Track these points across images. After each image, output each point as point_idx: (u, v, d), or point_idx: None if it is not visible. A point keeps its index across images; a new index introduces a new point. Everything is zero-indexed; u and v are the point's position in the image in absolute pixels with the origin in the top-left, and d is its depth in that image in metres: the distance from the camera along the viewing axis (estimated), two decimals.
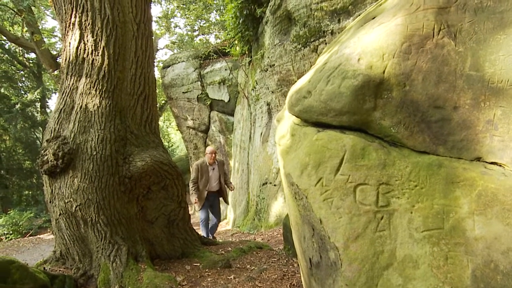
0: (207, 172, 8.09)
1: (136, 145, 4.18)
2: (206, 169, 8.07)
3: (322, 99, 2.39)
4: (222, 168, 8.27)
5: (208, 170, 8.10)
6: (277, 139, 2.85)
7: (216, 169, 8.15)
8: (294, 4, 8.18)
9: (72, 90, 4.20)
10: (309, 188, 2.37)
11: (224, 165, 8.38)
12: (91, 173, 3.91)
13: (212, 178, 8.11)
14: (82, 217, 3.97)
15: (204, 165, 8.07)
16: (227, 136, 14.36)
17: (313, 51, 8.18)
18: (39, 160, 4.09)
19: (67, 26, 4.30)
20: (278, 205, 9.00)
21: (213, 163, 8.10)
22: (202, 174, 8.08)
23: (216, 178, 8.15)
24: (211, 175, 8.11)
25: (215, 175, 8.14)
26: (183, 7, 22.52)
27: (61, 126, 4.16)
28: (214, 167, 8.12)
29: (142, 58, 4.39)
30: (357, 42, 2.42)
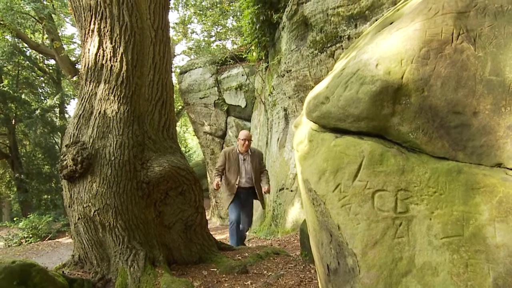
0: (237, 162, 6.64)
1: (154, 150, 4.21)
2: (236, 158, 6.65)
3: (340, 105, 2.39)
4: (257, 161, 6.77)
5: (239, 160, 6.66)
6: (295, 145, 2.85)
7: (249, 160, 6.69)
8: (311, 10, 8.18)
9: (91, 96, 4.26)
10: (327, 194, 2.36)
11: (261, 159, 6.98)
12: (109, 178, 3.95)
13: (243, 172, 6.68)
14: (100, 222, 4.00)
15: (233, 153, 6.69)
16: None
17: (330, 57, 8.17)
18: (59, 165, 4.15)
19: (86, 33, 4.36)
20: (294, 210, 8.97)
21: (246, 153, 6.69)
22: (230, 164, 6.66)
23: (249, 173, 6.68)
24: (242, 167, 6.68)
25: (247, 168, 6.71)
26: (200, 13, 22.68)
27: (80, 132, 4.21)
28: (247, 157, 6.71)
29: (160, 64, 4.43)
30: (375, 48, 2.42)
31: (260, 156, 6.96)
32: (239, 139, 6.70)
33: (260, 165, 6.84)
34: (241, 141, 6.61)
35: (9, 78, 23.99)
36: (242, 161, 6.69)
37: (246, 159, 6.72)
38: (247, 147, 6.63)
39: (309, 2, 8.24)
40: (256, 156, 6.83)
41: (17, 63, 23.78)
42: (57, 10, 19.48)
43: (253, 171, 6.68)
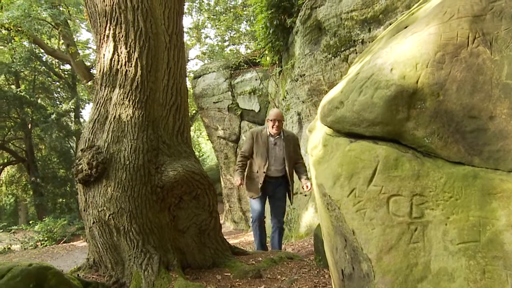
0: (266, 147, 5.63)
1: (168, 155, 4.23)
2: (265, 142, 5.64)
3: (355, 109, 2.38)
4: (292, 147, 5.72)
5: (268, 144, 5.65)
6: (309, 149, 2.85)
7: (281, 145, 5.66)
8: (324, 14, 8.18)
9: (106, 100, 4.29)
10: (342, 199, 2.35)
11: (296, 144, 5.90)
12: (124, 182, 3.98)
13: (272, 158, 5.64)
14: (115, 226, 4.03)
15: (262, 135, 5.69)
16: None
17: (344, 61, 8.15)
18: (74, 169, 4.19)
19: (101, 38, 4.40)
20: (308, 215, 8.94)
21: (278, 136, 5.66)
22: (258, 149, 5.66)
23: (280, 160, 5.66)
24: (271, 152, 5.64)
25: (278, 154, 5.66)
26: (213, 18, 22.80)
27: (95, 136, 4.25)
28: (279, 142, 5.67)
29: (175, 69, 4.46)
30: (389, 52, 2.41)
31: (295, 141, 5.92)
32: (268, 120, 5.73)
33: (295, 153, 5.82)
34: (271, 122, 5.63)
35: (26, 83, 24.34)
36: (273, 145, 5.68)
37: (277, 144, 5.69)
38: (279, 129, 5.63)
39: (322, 7, 8.24)
40: (291, 140, 5.79)
41: (33, 69, 24.11)
42: (72, 16, 19.74)
43: (287, 159, 5.66)
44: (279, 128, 5.65)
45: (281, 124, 5.70)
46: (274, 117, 5.63)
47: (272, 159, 5.67)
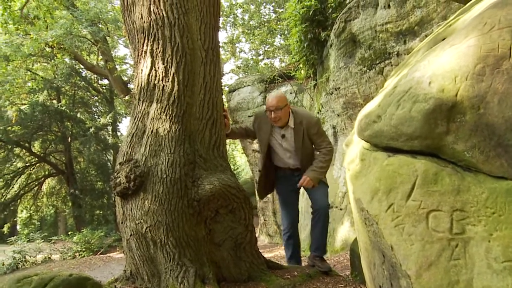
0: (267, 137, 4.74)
1: (204, 168, 4.26)
2: (268, 131, 4.73)
3: (393, 123, 2.36)
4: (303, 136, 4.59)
5: (273, 134, 4.74)
6: (346, 163, 2.83)
7: (291, 136, 4.64)
8: (359, 27, 8.15)
9: (144, 115, 4.37)
10: (380, 213, 2.32)
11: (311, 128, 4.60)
12: (161, 195, 4.02)
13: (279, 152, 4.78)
14: (152, 238, 4.07)
15: (266, 122, 4.72)
16: None
17: (379, 73, 8.08)
18: (112, 182, 4.26)
19: (139, 54, 4.50)
20: (344, 229, 8.84)
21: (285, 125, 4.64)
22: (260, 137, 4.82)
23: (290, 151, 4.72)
24: (275, 145, 4.77)
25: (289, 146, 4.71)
26: (248, 32, 23.01)
27: (133, 150, 4.32)
28: (288, 133, 4.66)
29: (211, 83, 4.50)
30: (427, 65, 2.38)
31: (309, 125, 4.59)
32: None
33: (311, 140, 4.67)
34: (268, 112, 4.61)
35: (66, 98, 25.12)
36: (280, 137, 4.70)
37: (285, 137, 4.68)
38: (277, 120, 4.55)
39: (357, 19, 8.22)
40: (301, 127, 4.59)
41: (73, 84, 24.89)
42: (111, 33, 20.30)
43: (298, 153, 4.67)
44: (277, 119, 4.55)
45: (279, 114, 4.52)
46: (267, 106, 4.61)
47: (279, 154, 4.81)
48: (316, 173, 4.56)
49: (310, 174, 4.53)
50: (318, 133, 4.66)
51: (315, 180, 4.54)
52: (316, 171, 4.56)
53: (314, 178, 4.54)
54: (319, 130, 4.66)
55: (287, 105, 4.61)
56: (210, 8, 4.63)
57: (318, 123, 4.72)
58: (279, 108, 4.52)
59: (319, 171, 4.59)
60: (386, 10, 7.59)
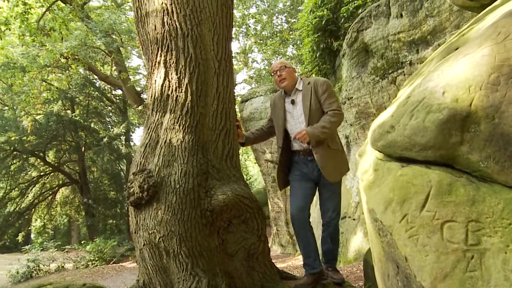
0: (282, 111, 4.43)
1: (217, 179, 4.28)
2: (282, 105, 4.45)
3: (406, 133, 2.35)
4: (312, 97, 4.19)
5: (285, 106, 4.43)
6: (360, 174, 2.82)
7: (300, 102, 4.29)
8: (371, 36, 8.15)
9: (157, 125, 4.41)
10: (394, 224, 2.30)
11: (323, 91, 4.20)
12: (174, 205, 4.04)
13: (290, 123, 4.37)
14: (165, 248, 4.08)
15: (279, 97, 4.53)
16: None
17: (392, 83, 8.06)
18: (126, 192, 4.29)
19: (153, 65, 4.55)
20: (357, 240, 8.78)
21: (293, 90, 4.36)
22: (275, 116, 4.56)
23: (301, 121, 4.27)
24: (288, 116, 4.39)
25: (296, 115, 4.32)
26: (260, 42, 23.13)
27: (146, 160, 4.35)
28: (297, 97, 4.33)
29: (224, 94, 4.53)
30: (441, 75, 2.37)
31: (317, 84, 4.24)
32: None
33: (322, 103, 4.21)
34: (273, 76, 4.47)
35: (80, 108, 25.42)
36: (291, 106, 4.35)
37: (295, 101, 4.33)
38: (284, 80, 4.31)
39: (369, 29, 8.22)
40: (311, 88, 4.23)
41: (87, 94, 25.19)
42: (124, 44, 20.53)
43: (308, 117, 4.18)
44: (283, 79, 4.33)
45: (283, 73, 4.33)
46: (273, 68, 4.47)
47: (291, 125, 4.36)
48: (315, 130, 4.03)
49: (308, 129, 4.05)
50: (327, 93, 4.22)
51: (312, 137, 4.02)
52: (315, 129, 4.05)
53: (312, 135, 4.02)
54: (327, 90, 4.24)
55: (291, 68, 4.45)
56: (223, 19, 4.67)
57: (327, 83, 4.30)
58: (283, 68, 4.38)
59: (319, 130, 4.04)
60: (398, 19, 7.59)
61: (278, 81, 4.38)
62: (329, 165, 4.18)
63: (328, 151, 4.20)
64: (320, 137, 4.05)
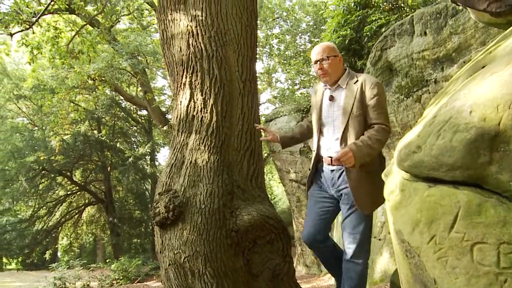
0: (320, 104, 3.66)
1: (242, 199, 4.29)
2: (320, 98, 3.68)
3: (433, 154, 2.32)
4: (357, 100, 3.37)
5: (322, 102, 3.65)
6: (386, 194, 2.79)
7: (341, 100, 3.48)
8: (395, 55, 8.12)
9: (183, 146, 4.46)
10: (422, 246, 2.27)
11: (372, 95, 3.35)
12: (199, 225, 4.06)
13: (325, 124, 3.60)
14: (190, 268, 4.09)
15: (320, 90, 3.73)
16: None
17: (416, 101, 7.99)
18: (152, 212, 4.33)
19: (178, 86, 4.63)
20: (383, 260, 8.63)
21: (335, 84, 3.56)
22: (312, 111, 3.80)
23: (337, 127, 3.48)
24: (324, 114, 3.61)
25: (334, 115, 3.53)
26: (284, 62, 23.26)
27: (172, 180, 4.39)
28: (338, 95, 3.54)
29: (248, 114, 4.57)
30: (467, 94, 2.35)
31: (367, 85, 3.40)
32: None
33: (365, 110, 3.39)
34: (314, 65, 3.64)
35: (106, 128, 25.87)
36: (328, 103, 3.59)
37: (335, 98, 3.55)
38: (326, 72, 3.52)
39: (393, 48, 8.19)
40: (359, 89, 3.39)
41: (113, 115, 25.64)
42: (150, 65, 20.92)
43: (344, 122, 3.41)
44: (324, 73, 3.52)
45: (324, 66, 3.51)
46: (314, 57, 3.59)
47: (325, 127, 3.60)
48: (363, 149, 3.22)
49: (354, 147, 3.21)
50: (376, 100, 3.36)
51: (358, 159, 3.20)
52: (362, 147, 3.23)
53: (359, 157, 3.20)
54: (379, 95, 3.37)
55: (337, 56, 3.60)
56: (247, 40, 4.73)
57: (380, 86, 3.44)
58: (325, 57, 3.52)
59: (367, 151, 3.25)
60: (422, 37, 7.55)
61: (320, 75, 3.59)
62: (362, 193, 3.38)
63: (363, 175, 3.37)
64: (365, 160, 3.28)
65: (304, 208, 14.18)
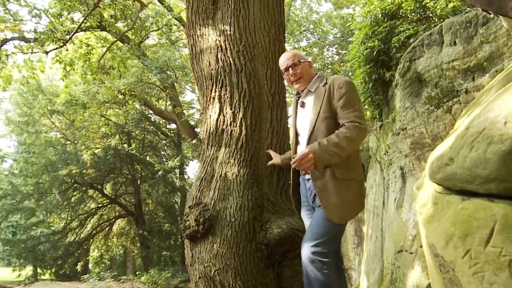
0: (294, 116, 3.60)
1: (272, 212, 4.28)
2: (295, 109, 3.61)
3: (466, 166, 2.28)
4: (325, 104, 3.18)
5: (296, 111, 3.59)
6: (418, 207, 2.75)
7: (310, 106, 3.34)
8: (424, 66, 8.02)
9: (213, 159, 4.48)
10: (456, 260, 2.22)
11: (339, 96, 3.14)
12: (229, 239, 4.06)
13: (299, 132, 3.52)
14: (220, 282, 4.10)
15: (294, 100, 3.70)
16: None
17: (447, 112, 7.85)
18: (182, 225, 4.36)
19: (207, 100, 4.67)
20: (415, 274, 8.45)
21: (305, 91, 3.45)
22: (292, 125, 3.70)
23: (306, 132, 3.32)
24: (297, 122, 3.55)
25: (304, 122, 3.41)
26: None
27: (202, 194, 4.42)
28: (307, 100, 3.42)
29: (277, 127, 4.58)
30: (501, 105, 2.31)
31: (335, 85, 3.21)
32: None
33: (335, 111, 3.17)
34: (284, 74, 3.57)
35: (136, 142, 26.25)
36: (300, 110, 3.49)
37: (305, 105, 3.43)
38: (298, 82, 3.42)
39: (421, 58, 8.10)
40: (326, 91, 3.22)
41: (143, 128, 26.02)
42: (179, 79, 21.19)
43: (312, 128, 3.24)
44: (298, 78, 3.41)
45: (297, 71, 3.40)
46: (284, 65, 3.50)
47: (300, 135, 3.48)
48: (325, 150, 2.93)
49: (315, 148, 2.94)
50: (345, 99, 3.12)
51: (320, 161, 2.93)
52: (325, 147, 2.94)
53: (320, 158, 2.92)
54: (347, 93, 3.14)
55: (307, 61, 3.51)
56: (275, 54, 4.76)
57: (349, 84, 3.20)
58: (297, 62, 3.42)
59: (331, 150, 2.94)
60: (452, 47, 7.45)
61: (292, 82, 3.46)
62: (330, 199, 3.11)
63: (334, 181, 3.11)
64: (331, 161, 2.99)
65: None
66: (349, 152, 3.03)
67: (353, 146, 3.05)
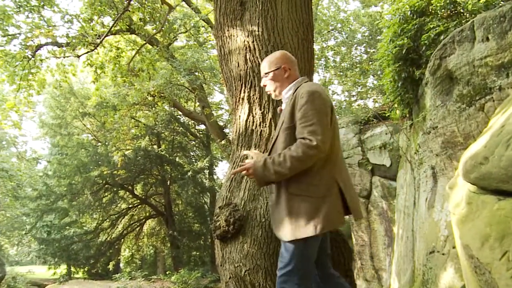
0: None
1: None
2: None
3: (502, 165, 2.23)
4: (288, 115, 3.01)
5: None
6: (452, 207, 2.70)
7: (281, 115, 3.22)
8: (455, 63, 7.86)
9: (243, 160, 4.49)
10: (493, 262, 2.17)
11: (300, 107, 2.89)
12: (259, 239, 4.07)
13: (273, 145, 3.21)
14: (250, 282, 4.10)
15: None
16: (390, 201, 13.82)
17: (480, 110, 7.68)
18: (212, 226, 4.38)
19: (237, 101, 4.68)
20: (447, 276, 8.29)
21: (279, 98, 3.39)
22: None
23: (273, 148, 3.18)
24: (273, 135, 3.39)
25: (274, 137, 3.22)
26: (340, 74, 23.07)
27: (232, 194, 4.43)
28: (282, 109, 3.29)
29: None
30: None
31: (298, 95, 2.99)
32: None
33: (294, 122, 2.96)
34: None
35: (165, 143, 26.53)
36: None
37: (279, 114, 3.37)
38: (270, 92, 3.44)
39: (452, 55, 7.94)
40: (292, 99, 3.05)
41: (172, 130, 26.28)
42: (207, 80, 21.31)
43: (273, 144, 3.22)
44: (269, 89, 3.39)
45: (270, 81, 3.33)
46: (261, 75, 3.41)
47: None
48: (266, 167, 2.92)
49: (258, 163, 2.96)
50: (303, 113, 2.89)
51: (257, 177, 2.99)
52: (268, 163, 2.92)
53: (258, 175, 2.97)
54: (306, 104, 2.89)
55: (279, 67, 3.28)
56: (304, 54, 4.74)
57: (310, 94, 2.92)
58: (264, 75, 3.35)
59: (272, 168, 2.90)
60: (484, 43, 7.28)
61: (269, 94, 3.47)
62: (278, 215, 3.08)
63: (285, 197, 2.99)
64: (274, 180, 2.98)
65: (364, 221, 13.95)
66: (297, 171, 2.87)
67: (301, 165, 2.85)
